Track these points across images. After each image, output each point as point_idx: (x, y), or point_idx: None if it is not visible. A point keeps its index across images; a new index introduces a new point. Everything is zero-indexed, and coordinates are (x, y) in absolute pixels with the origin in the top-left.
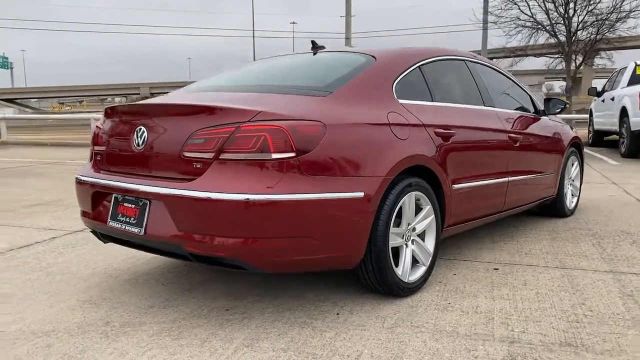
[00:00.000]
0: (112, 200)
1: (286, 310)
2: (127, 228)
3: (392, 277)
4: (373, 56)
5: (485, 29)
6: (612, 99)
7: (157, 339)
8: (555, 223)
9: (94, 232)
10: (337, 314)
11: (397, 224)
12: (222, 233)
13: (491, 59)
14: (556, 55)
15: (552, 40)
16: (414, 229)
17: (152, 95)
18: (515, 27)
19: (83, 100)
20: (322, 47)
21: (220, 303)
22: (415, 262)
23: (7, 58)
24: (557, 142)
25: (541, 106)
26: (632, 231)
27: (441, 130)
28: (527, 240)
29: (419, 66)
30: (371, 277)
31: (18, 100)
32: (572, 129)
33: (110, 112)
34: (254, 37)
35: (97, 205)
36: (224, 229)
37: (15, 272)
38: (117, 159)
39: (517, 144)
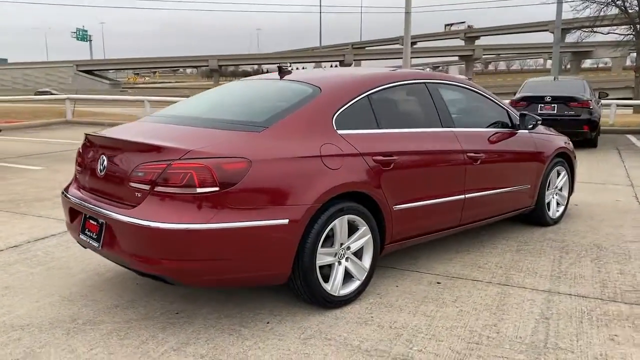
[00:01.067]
0: (82, 217)
1: (225, 317)
2: (90, 242)
3: (320, 292)
4: (319, 87)
5: (560, 3)
6: None
7: (106, 338)
8: (532, 233)
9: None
10: (267, 322)
11: (331, 243)
12: (155, 255)
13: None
14: (626, 33)
15: (622, 16)
16: (348, 248)
17: (220, 67)
18: (583, 2)
19: (156, 71)
20: (289, 72)
21: (175, 306)
22: (350, 276)
23: (86, 31)
24: (536, 154)
25: (518, 120)
26: (605, 245)
27: (380, 157)
28: (491, 252)
29: (367, 95)
30: (300, 291)
31: (96, 72)
32: (566, 142)
33: (87, 143)
34: (320, 12)
35: (73, 219)
36: (157, 252)
37: (23, 265)
38: (88, 181)
39: (478, 162)
